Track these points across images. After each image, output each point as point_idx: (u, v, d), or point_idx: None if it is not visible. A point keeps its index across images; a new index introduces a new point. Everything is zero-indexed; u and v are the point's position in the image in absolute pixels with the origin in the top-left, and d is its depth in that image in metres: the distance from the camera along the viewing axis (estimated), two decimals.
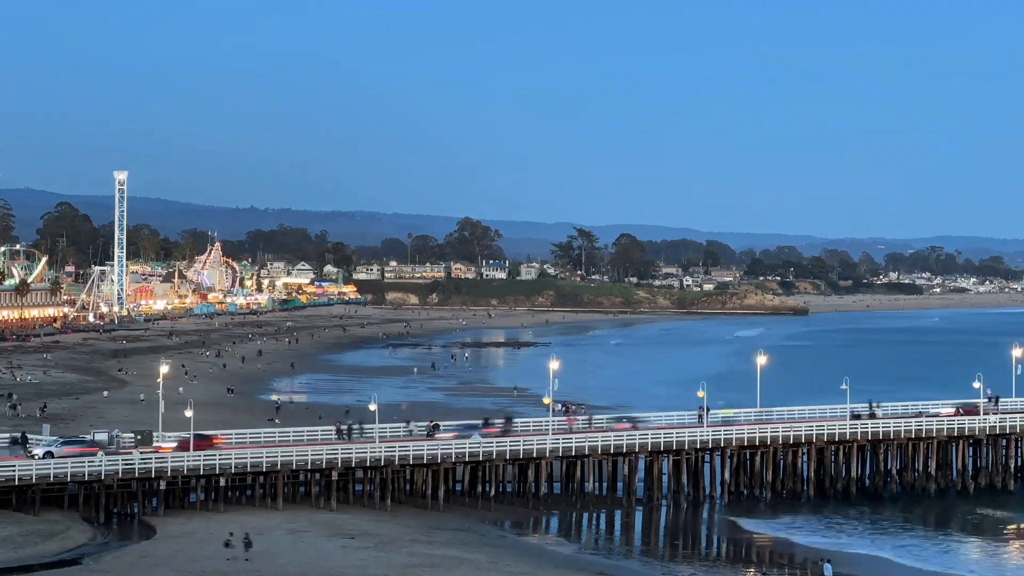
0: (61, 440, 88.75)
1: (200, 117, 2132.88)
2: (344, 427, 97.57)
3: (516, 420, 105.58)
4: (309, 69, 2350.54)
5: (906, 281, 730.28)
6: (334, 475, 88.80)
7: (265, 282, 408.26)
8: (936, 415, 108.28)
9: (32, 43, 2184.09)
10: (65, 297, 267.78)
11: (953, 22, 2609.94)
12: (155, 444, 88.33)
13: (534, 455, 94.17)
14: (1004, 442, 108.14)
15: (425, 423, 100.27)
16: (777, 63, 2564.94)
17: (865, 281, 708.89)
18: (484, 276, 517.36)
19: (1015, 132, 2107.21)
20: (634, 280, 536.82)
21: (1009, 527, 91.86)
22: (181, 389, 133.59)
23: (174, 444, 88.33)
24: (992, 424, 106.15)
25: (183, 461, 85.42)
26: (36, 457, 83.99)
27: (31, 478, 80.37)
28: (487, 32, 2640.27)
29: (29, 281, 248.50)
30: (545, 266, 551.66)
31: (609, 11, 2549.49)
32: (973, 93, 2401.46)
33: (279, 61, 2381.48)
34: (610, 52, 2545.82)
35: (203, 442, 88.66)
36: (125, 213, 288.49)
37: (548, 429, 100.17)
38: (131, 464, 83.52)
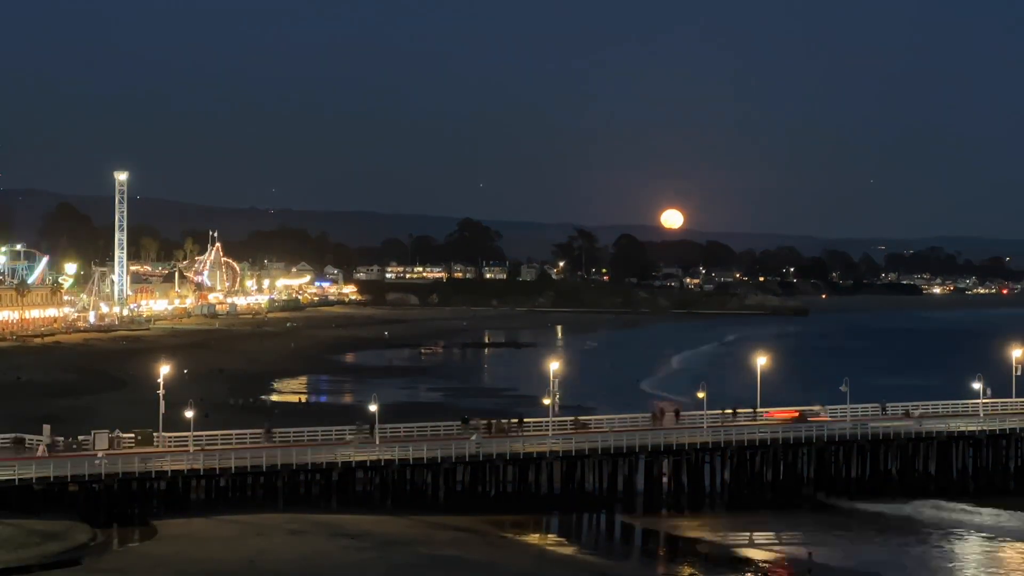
0: None
1: (201, 117, 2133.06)
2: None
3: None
4: (309, 69, 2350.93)
5: (906, 282, 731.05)
6: (334, 475, 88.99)
7: (266, 282, 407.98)
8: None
9: (33, 43, 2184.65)
10: (66, 298, 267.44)
11: (952, 27, 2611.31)
12: None
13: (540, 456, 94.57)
14: (1004, 442, 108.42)
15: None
16: (778, 62, 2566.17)
17: (866, 281, 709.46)
18: (484, 276, 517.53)
19: (1015, 132, 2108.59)
20: (634, 280, 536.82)
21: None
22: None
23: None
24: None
25: (183, 462, 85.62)
26: None
27: (31, 479, 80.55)
28: (487, 31, 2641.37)
29: (30, 282, 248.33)
30: (545, 266, 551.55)
31: (608, 11, 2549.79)
32: (973, 94, 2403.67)
33: (280, 61, 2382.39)
34: (610, 52, 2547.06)
35: None
36: (125, 213, 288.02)
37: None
38: (131, 464, 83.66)
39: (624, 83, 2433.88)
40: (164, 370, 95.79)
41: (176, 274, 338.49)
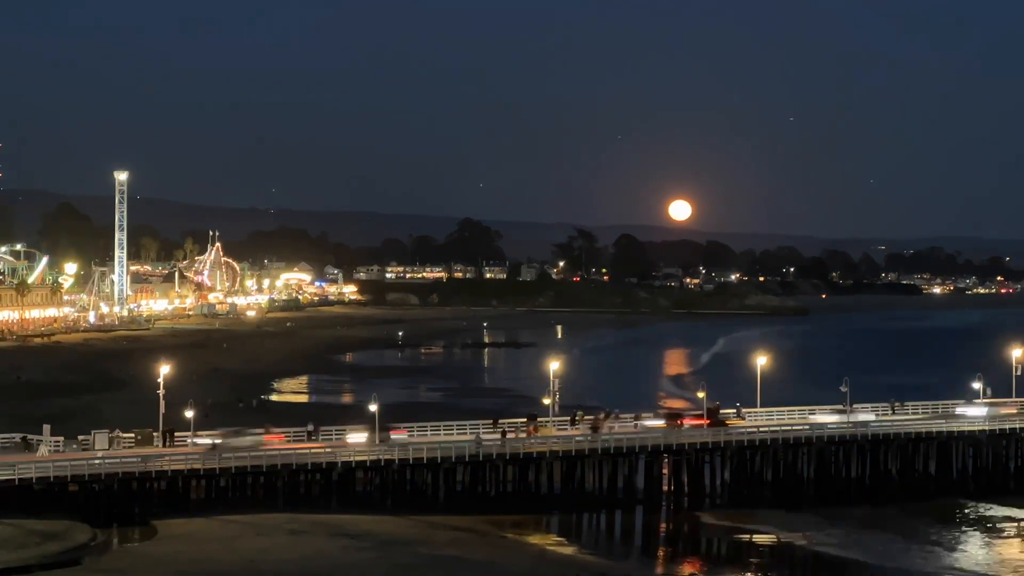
0: None
1: (201, 117, 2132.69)
2: None
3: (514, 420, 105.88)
4: (310, 68, 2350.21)
5: (906, 282, 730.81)
6: (334, 475, 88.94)
7: (266, 282, 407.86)
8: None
9: (33, 43, 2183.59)
10: (66, 298, 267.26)
11: (955, 26, 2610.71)
12: None
13: (534, 455, 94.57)
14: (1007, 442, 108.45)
15: None
16: (778, 62, 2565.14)
17: (866, 281, 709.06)
18: (484, 276, 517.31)
19: (1015, 132, 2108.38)
20: (634, 280, 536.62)
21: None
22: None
23: None
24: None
25: (183, 462, 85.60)
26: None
27: (31, 479, 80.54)
28: (487, 32, 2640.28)
29: (30, 282, 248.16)
30: (545, 266, 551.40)
31: (611, 10, 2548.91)
32: (973, 94, 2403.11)
33: (280, 61, 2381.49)
34: (612, 52, 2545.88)
35: None
36: (125, 213, 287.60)
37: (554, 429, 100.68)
38: (131, 464, 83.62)
39: (625, 83, 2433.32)
40: (164, 370, 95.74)
41: (176, 274, 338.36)
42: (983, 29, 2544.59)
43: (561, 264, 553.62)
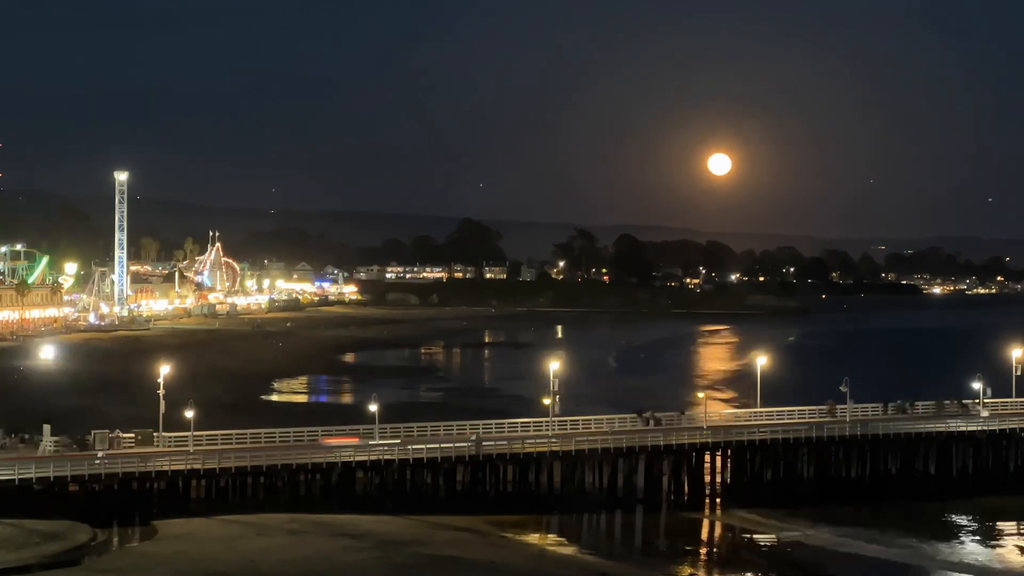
0: None
1: (201, 117, 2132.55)
2: None
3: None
4: (310, 69, 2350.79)
5: (906, 282, 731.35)
6: (334, 475, 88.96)
7: (266, 282, 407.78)
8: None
9: (33, 42, 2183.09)
10: (66, 298, 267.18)
11: (952, 29, 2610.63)
12: None
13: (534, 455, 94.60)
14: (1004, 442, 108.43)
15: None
16: (775, 62, 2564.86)
17: (866, 281, 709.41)
18: (484, 276, 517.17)
19: (1015, 132, 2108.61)
20: (634, 280, 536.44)
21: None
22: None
23: None
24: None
25: (183, 462, 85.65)
26: None
27: (31, 479, 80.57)
28: (486, 32, 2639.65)
29: (30, 282, 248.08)
30: (545, 266, 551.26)
31: (611, 11, 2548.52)
32: (972, 94, 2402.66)
33: (280, 62, 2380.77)
34: (611, 54, 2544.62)
35: None
36: (125, 213, 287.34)
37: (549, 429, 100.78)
38: (131, 464, 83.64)
39: (625, 84, 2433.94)
40: (164, 370, 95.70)
41: (176, 274, 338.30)
42: (983, 30, 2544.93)
43: (561, 264, 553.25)
